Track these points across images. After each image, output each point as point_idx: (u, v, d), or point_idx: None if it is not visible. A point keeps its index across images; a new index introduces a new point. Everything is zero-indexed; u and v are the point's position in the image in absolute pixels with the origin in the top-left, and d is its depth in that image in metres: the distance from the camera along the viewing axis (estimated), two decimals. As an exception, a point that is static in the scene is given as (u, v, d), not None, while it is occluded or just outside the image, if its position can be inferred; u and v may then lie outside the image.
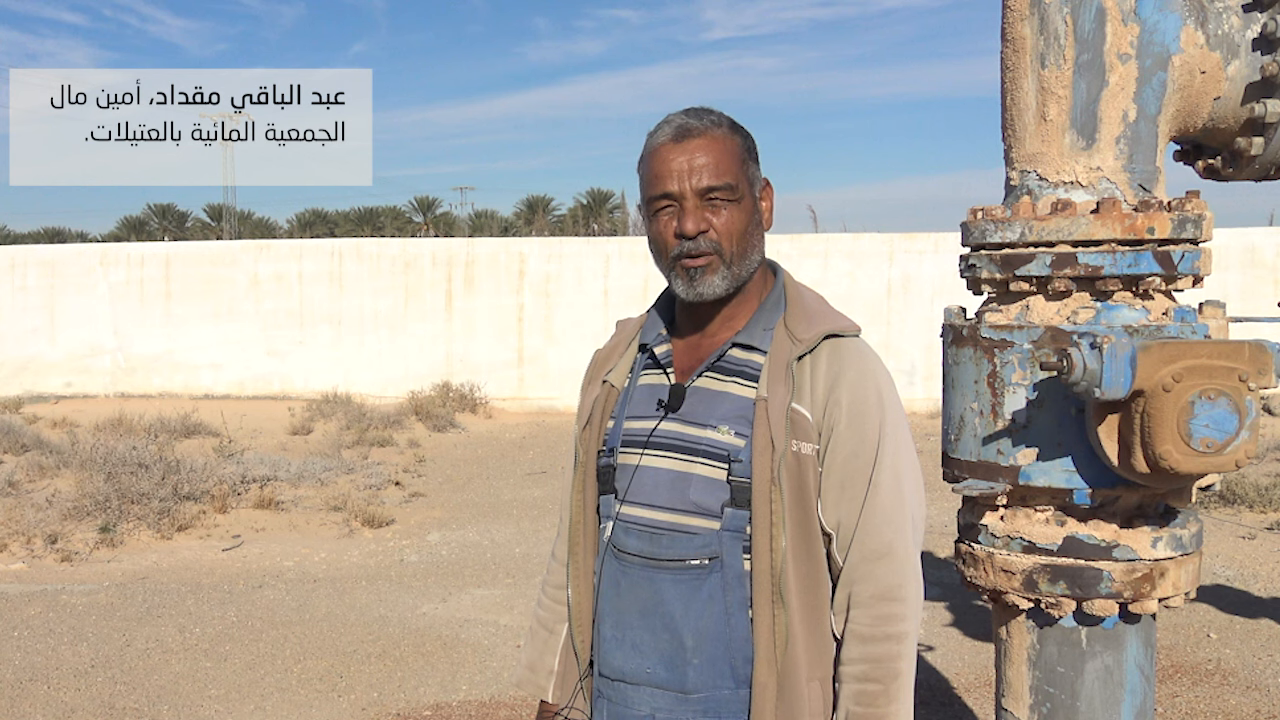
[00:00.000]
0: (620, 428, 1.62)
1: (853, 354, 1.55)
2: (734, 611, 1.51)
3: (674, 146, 1.54)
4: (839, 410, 1.50)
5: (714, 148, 1.54)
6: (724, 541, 1.51)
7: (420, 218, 48.36)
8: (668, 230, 1.55)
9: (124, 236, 45.02)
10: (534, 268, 15.07)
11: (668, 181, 1.54)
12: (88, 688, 4.66)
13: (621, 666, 1.58)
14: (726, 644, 1.51)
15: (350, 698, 4.55)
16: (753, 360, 1.56)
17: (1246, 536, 6.98)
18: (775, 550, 1.47)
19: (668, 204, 1.55)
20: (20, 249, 17.12)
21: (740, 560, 1.51)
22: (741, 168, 1.56)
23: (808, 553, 1.50)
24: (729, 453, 1.51)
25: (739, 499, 1.50)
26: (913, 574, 1.52)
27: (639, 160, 1.61)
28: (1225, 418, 1.61)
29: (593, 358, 1.76)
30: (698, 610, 1.51)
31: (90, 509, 7.55)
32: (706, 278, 1.54)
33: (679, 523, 1.53)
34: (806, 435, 1.50)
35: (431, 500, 8.92)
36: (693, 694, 1.52)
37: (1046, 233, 1.80)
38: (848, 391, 1.51)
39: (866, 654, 1.49)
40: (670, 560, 1.53)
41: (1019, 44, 1.89)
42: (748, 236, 1.56)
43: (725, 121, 1.58)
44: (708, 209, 1.53)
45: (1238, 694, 4.38)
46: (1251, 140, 1.90)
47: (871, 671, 1.48)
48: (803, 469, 1.49)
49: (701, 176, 1.52)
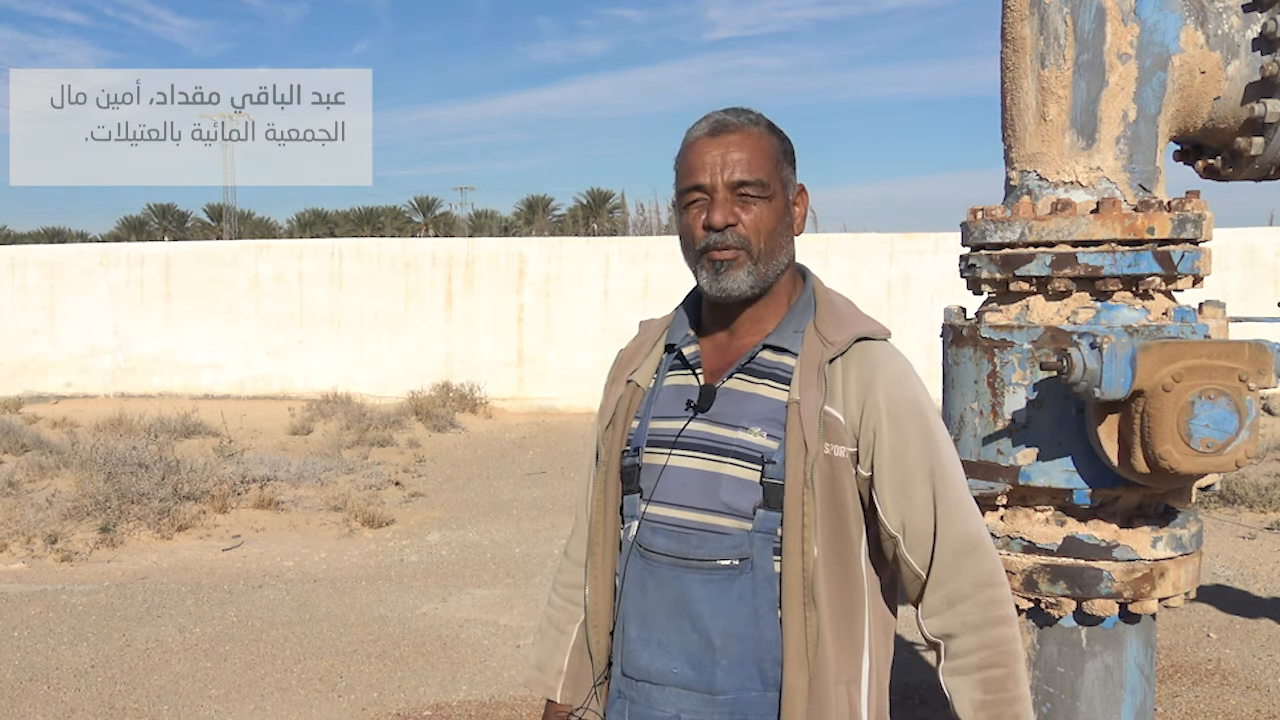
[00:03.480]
0: (646, 427, 1.61)
1: (885, 357, 1.55)
2: (763, 613, 1.50)
3: (709, 140, 1.55)
4: (878, 413, 1.50)
5: (749, 144, 1.54)
6: (755, 542, 1.50)
7: (420, 218, 48.35)
8: (697, 222, 1.55)
9: (124, 236, 45.02)
10: (534, 268, 15.07)
11: (700, 174, 1.54)
12: (88, 688, 4.66)
13: (647, 666, 1.57)
14: (755, 645, 1.50)
15: (350, 698, 4.55)
16: (783, 363, 1.56)
17: (1246, 536, 6.98)
18: (807, 553, 1.47)
19: (699, 196, 1.55)
20: (20, 249, 17.13)
21: (771, 562, 1.50)
22: (775, 167, 1.56)
23: (838, 556, 1.50)
24: (762, 454, 1.51)
25: (771, 500, 1.49)
26: (999, 559, 1.53)
27: (676, 155, 1.61)
28: (1225, 418, 1.61)
29: (616, 357, 1.75)
30: (726, 611, 1.51)
31: (90, 509, 7.55)
32: (732, 273, 1.53)
33: (709, 522, 1.53)
34: (839, 438, 1.49)
35: (431, 500, 8.92)
36: (720, 695, 1.51)
37: (1046, 233, 1.80)
38: (885, 393, 1.50)
39: (984, 640, 1.48)
40: (700, 560, 1.53)
41: (1019, 44, 1.89)
42: (776, 236, 1.55)
43: (763, 121, 1.59)
44: (738, 204, 1.53)
45: (1238, 694, 4.38)
46: (1251, 140, 1.90)
47: (994, 657, 1.48)
48: (835, 471, 1.49)
49: (734, 170, 1.52)
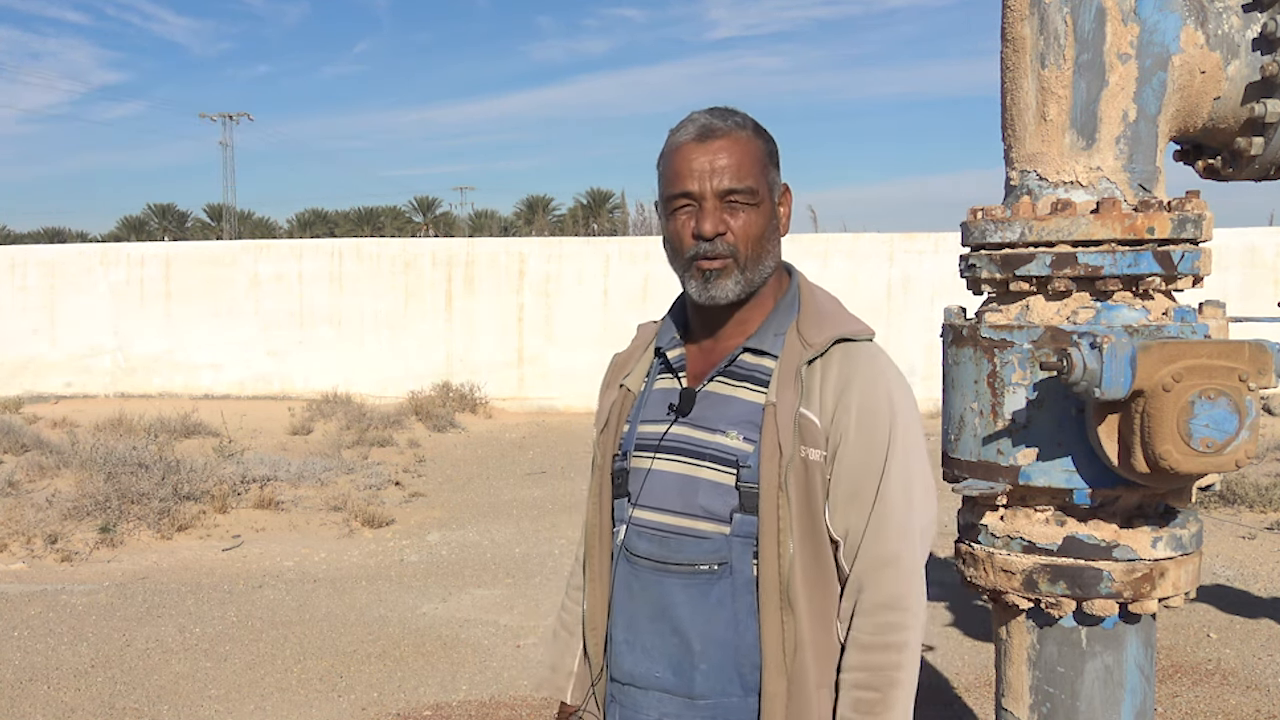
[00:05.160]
0: (634, 432, 1.62)
1: (864, 359, 1.53)
2: (742, 618, 1.50)
3: (696, 146, 1.53)
4: (848, 417, 1.49)
5: (737, 150, 1.53)
6: (733, 547, 1.50)
7: (420, 218, 48.35)
8: (685, 230, 1.54)
9: (124, 236, 45.03)
10: (534, 268, 15.06)
11: (688, 181, 1.52)
12: (88, 688, 4.66)
13: (631, 670, 1.57)
14: (734, 650, 1.50)
15: (350, 698, 4.55)
16: (763, 365, 1.55)
17: (1246, 536, 6.97)
18: (783, 556, 1.46)
19: (686, 203, 1.53)
20: (20, 249, 17.11)
21: (749, 566, 1.49)
22: (763, 172, 1.55)
23: (815, 559, 1.49)
24: (737, 458, 1.50)
25: (747, 504, 1.49)
26: (918, 584, 1.50)
27: (659, 156, 1.59)
28: (1225, 418, 1.60)
29: (611, 361, 1.75)
30: (706, 615, 1.50)
31: (90, 509, 7.55)
32: (720, 281, 1.53)
33: (688, 527, 1.53)
34: (815, 441, 1.48)
35: (431, 500, 8.92)
36: (700, 700, 1.51)
37: (1046, 233, 1.80)
38: (857, 397, 1.49)
39: (866, 662, 1.47)
40: (679, 564, 1.52)
41: (1019, 44, 1.89)
42: (764, 241, 1.55)
43: (749, 124, 1.57)
44: (726, 211, 1.52)
45: (1238, 694, 4.38)
46: (1251, 140, 1.90)
47: (870, 679, 1.47)
48: (810, 475, 1.48)
49: (723, 178, 1.51)
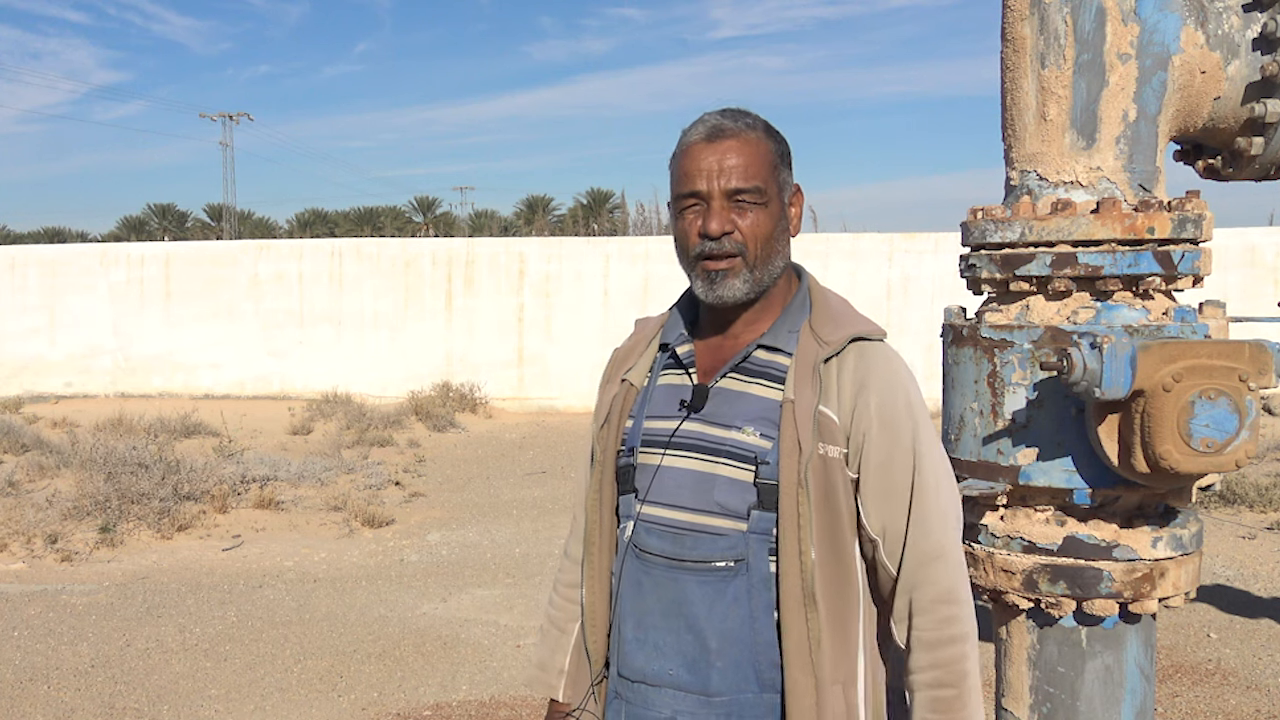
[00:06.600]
0: (640, 427, 1.60)
1: (879, 358, 1.54)
2: (759, 615, 1.49)
3: (706, 146, 1.53)
4: (868, 415, 1.49)
5: (746, 150, 1.53)
6: (750, 544, 1.49)
7: (420, 218, 48.33)
8: (692, 229, 1.54)
9: (124, 236, 45.01)
10: (534, 268, 15.07)
11: (697, 180, 1.52)
12: (88, 688, 4.66)
13: (643, 668, 1.56)
14: (751, 647, 1.49)
15: (350, 698, 4.55)
16: (777, 362, 1.55)
17: (1246, 536, 6.98)
18: (804, 553, 1.46)
19: (695, 202, 1.54)
20: (20, 249, 17.11)
21: (766, 563, 1.49)
22: (772, 172, 1.55)
23: (834, 556, 1.49)
24: (756, 454, 1.50)
25: (766, 501, 1.48)
26: (964, 575, 1.52)
27: (671, 157, 1.59)
28: (1225, 418, 1.60)
29: (611, 356, 1.74)
30: (722, 612, 1.50)
31: (90, 509, 7.55)
32: (727, 281, 1.53)
33: (704, 523, 1.52)
34: (833, 438, 1.48)
35: (431, 500, 8.92)
36: (716, 697, 1.51)
37: (1046, 233, 1.80)
38: (876, 395, 1.50)
39: (935, 659, 1.48)
40: (695, 561, 1.51)
41: (1019, 44, 1.89)
42: (773, 241, 1.55)
43: (760, 124, 1.57)
44: (734, 210, 1.52)
45: (1238, 694, 4.38)
46: (1251, 140, 1.90)
47: (943, 677, 1.48)
48: (829, 471, 1.48)
49: (730, 177, 1.51)
